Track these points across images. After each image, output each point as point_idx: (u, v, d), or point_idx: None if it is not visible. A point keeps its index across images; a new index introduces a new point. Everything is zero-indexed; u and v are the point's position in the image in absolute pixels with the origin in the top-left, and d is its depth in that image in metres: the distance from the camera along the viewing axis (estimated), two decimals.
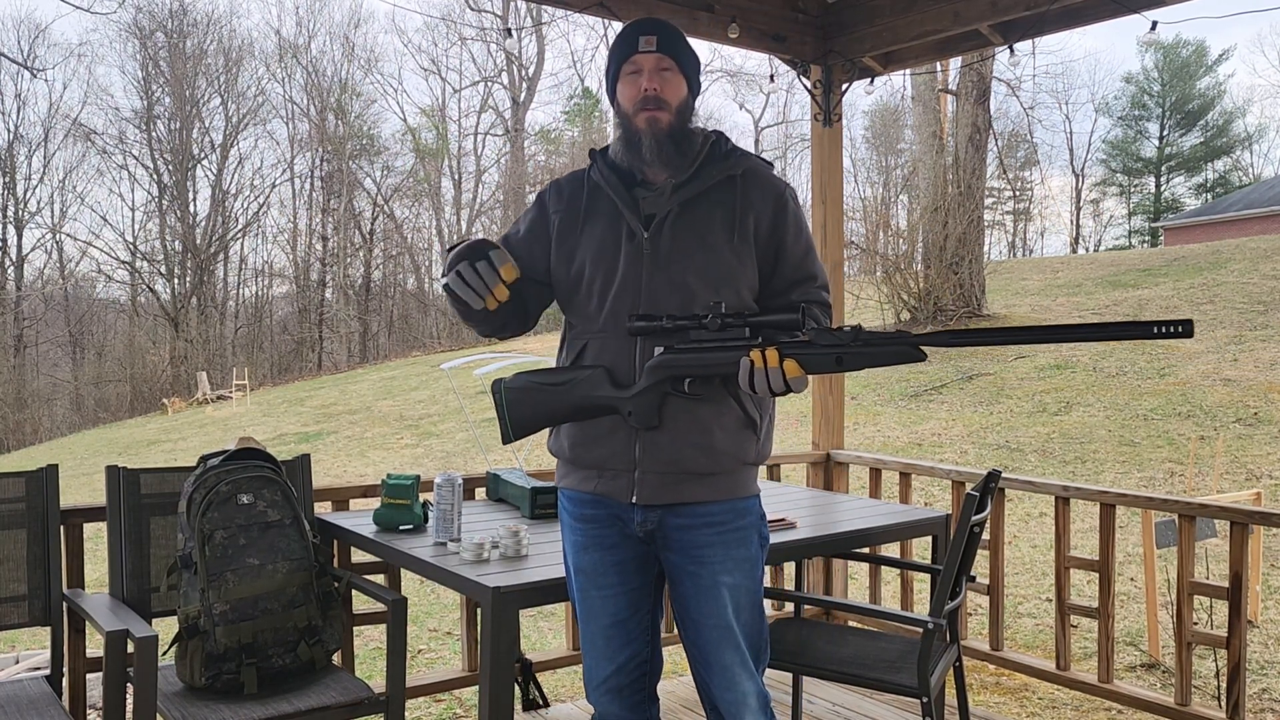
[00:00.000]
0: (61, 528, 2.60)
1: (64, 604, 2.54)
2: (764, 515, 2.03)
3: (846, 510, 3.12)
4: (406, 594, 2.67)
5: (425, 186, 34.60)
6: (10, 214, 29.63)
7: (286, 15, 52.18)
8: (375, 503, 2.81)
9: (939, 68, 14.52)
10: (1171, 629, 3.33)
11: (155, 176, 31.61)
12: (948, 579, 2.34)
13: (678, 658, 3.30)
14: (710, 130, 2.01)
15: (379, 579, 2.97)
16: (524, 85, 35.20)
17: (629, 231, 1.93)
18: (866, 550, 3.15)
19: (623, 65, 1.95)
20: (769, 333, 1.80)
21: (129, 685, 2.18)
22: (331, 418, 15.65)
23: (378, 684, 2.45)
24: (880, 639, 2.68)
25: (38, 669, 4.03)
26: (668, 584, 2.01)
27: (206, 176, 32.31)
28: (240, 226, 32.94)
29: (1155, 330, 1.49)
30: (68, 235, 31.41)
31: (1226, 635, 2.87)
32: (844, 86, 4.12)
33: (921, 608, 3.92)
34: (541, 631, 5.13)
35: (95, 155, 31.25)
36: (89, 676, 2.68)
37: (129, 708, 2.16)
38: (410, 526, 2.71)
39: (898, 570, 4.22)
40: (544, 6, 3.58)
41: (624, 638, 1.99)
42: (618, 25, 3.22)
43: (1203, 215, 27.44)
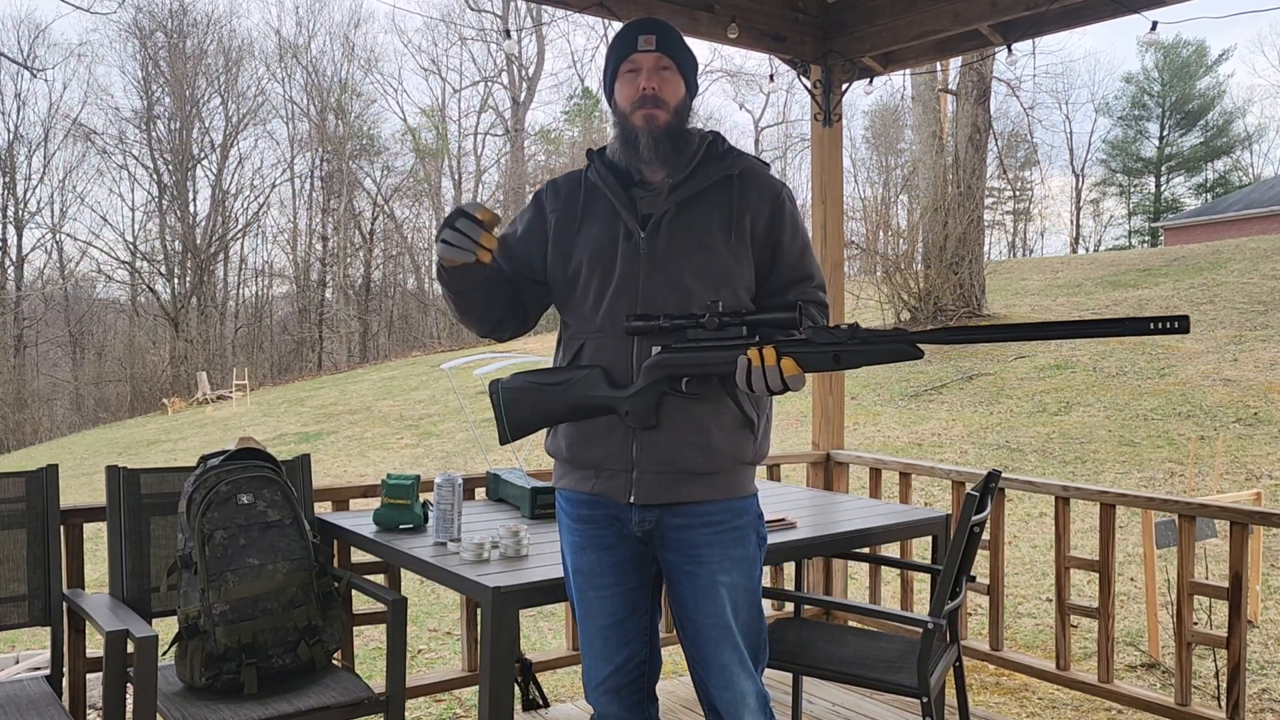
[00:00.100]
0: (61, 528, 2.60)
1: (64, 604, 2.54)
2: (761, 515, 2.03)
3: (846, 510, 3.12)
4: (406, 594, 2.67)
5: (425, 186, 34.61)
6: (10, 214, 29.65)
7: (286, 15, 52.24)
8: (375, 503, 2.81)
9: (939, 68, 14.52)
10: (1171, 629, 3.33)
11: (155, 176, 31.64)
12: (948, 579, 2.34)
13: (677, 658, 3.30)
14: (707, 130, 2.01)
15: (379, 579, 2.97)
16: (524, 85, 35.21)
17: (626, 231, 1.93)
18: (866, 550, 3.15)
19: (621, 64, 1.95)
20: (766, 331, 1.80)
21: (129, 685, 2.18)
22: (331, 418, 15.65)
23: (378, 684, 2.45)
24: (880, 639, 2.68)
25: (38, 669, 4.03)
26: (666, 584, 2.01)
27: (206, 176, 32.37)
28: (240, 226, 32.99)
29: (1152, 326, 1.49)
30: (68, 235, 31.47)
31: (1226, 635, 2.87)
32: (844, 86, 4.12)
33: (921, 608, 3.92)
34: (541, 631, 5.13)
35: (95, 155, 31.31)
36: (89, 676, 2.68)
37: (129, 708, 2.16)
38: (410, 526, 2.71)
39: (898, 570, 4.22)
40: (544, 6, 3.58)
41: (622, 638, 1.99)
42: (617, 25, 3.22)
43: (1203, 215, 27.44)
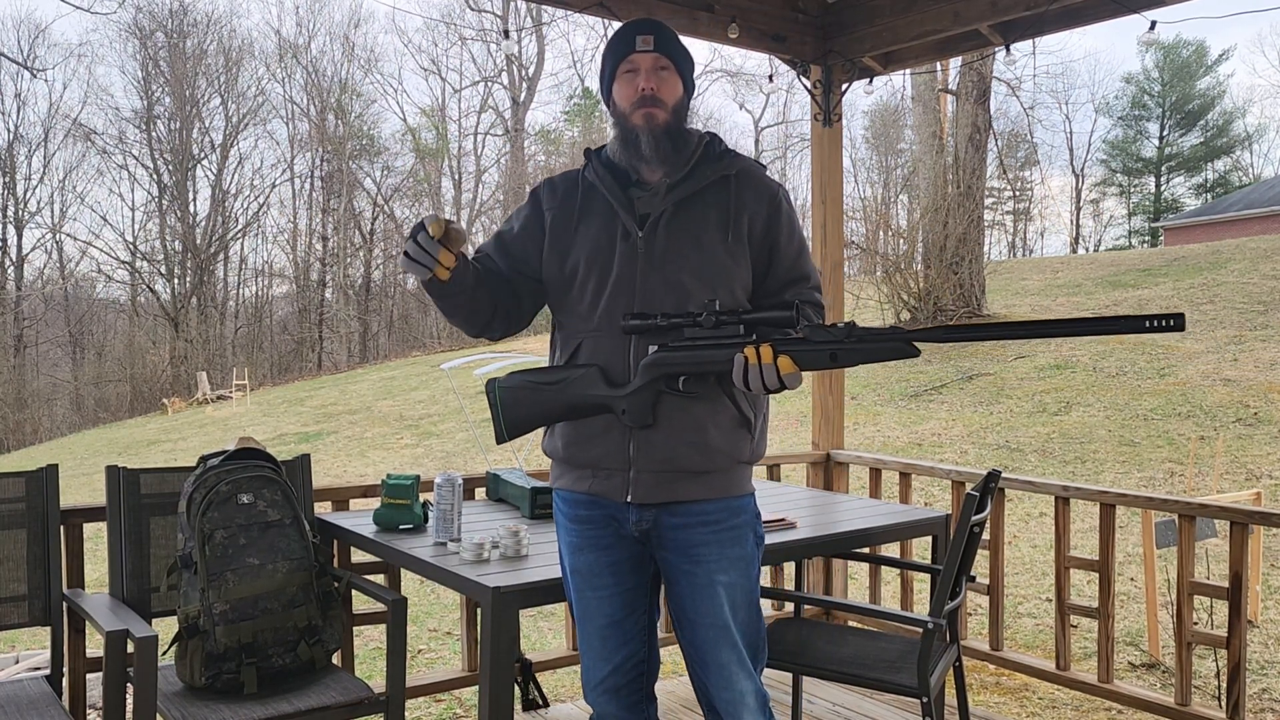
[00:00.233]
0: (61, 528, 2.60)
1: (64, 604, 2.54)
2: (759, 514, 2.03)
3: (846, 510, 3.12)
4: (406, 594, 2.67)
5: (425, 186, 34.61)
6: (10, 214, 29.65)
7: (286, 15, 52.25)
8: (375, 503, 2.81)
9: (939, 68, 14.52)
10: (1171, 629, 3.33)
11: (155, 176, 31.64)
12: (948, 579, 2.34)
13: (677, 657, 3.30)
14: (704, 131, 2.01)
15: (379, 579, 2.97)
16: (524, 85, 35.21)
17: (624, 231, 1.94)
18: (866, 550, 3.15)
19: (619, 65, 1.95)
20: (763, 330, 1.80)
21: (129, 685, 2.18)
22: (331, 418, 15.65)
23: (378, 684, 2.45)
24: (880, 639, 2.68)
25: (38, 669, 4.03)
26: (664, 583, 2.01)
27: (206, 176, 32.37)
28: (240, 226, 32.99)
29: (1148, 324, 1.49)
30: (68, 235, 31.47)
31: (1226, 635, 2.87)
32: (844, 86, 4.12)
33: (921, 608, 3.92)
34: (541, 631, 5.13)
35: (95, 155, 31.31)
36: (89, 676, 2.68)
37: (129, 708, 2.16)
38: (410, 526, 2.71)
39: (898, 570, 4.22)
40: (544, 6, 3.58)
41: (620, 638, 1.99)
42: (617, 25, 3.22)
43: (1203, 215, 27.44)
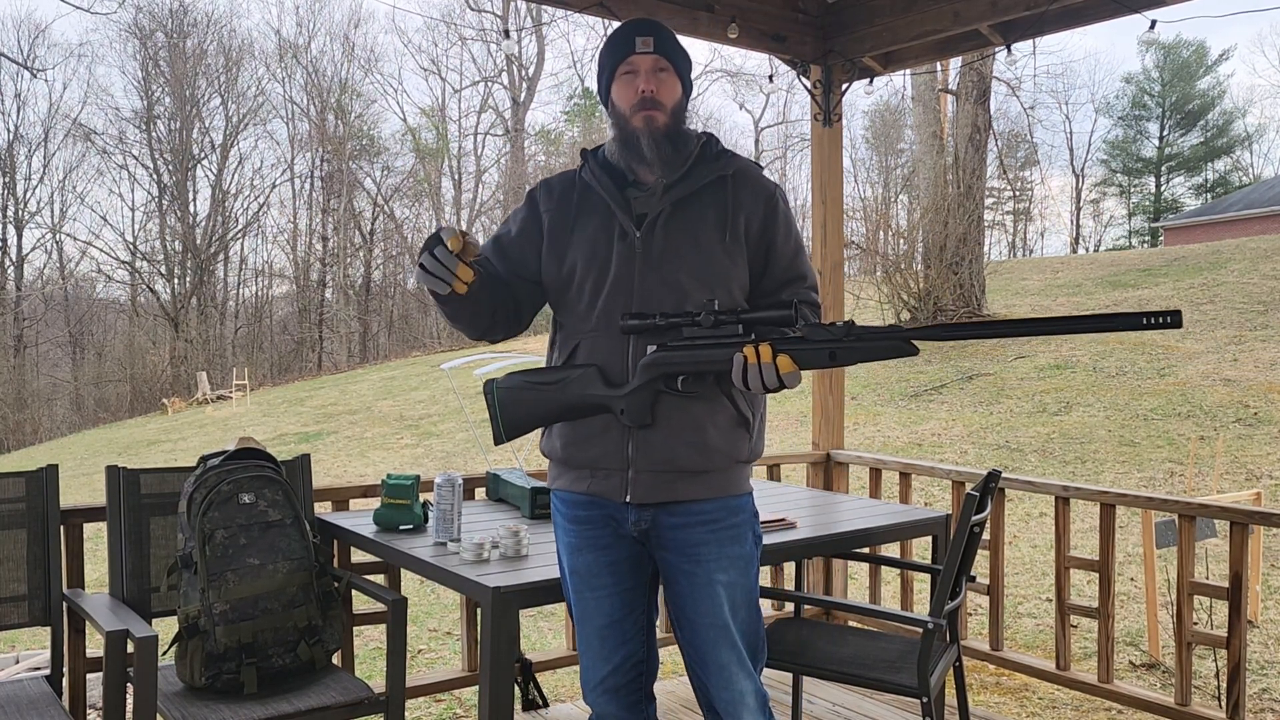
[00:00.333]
0: (61, 528, 2.60)
1: (64, 604, 2.54)
2: (757, 513, 2.03)
3: (846, 510, 3.12)
4: (406, 594, 2.67)
5: (425, 186, 34.60)
6: (10, 214, 29.65)
7: (286, 15, 52.21)
8: (375, 503, 2.81)
9: (939, 68, 14.52)
10: (1171, 629, 3.33)
11: (155, 176, 31.64)
12: (948, 579, 2.34)
13: (676, 657, 3.30)
14: (701, 131, 2.02)
15: (379, 579, 2.97)
16: (524, 85, 35.20)
17: (621, 231, 1.94)
18: (866, 550, 3.15)
19: (618, 66, 1.95)
20: (762, 329, 1.81)
21: (129, 685, 2.18)
22: (331, 418, 15.65)
23: (378, 684, 2.45)
24: (880, 639, 2.68)
25: (38, 669, 4.03)
26: (663, 583, 2.01)
27: (206, 176, 32.36)
28: (240, 226, 32.98)
29: (1145, 321, 1.50)
30: (68, 235, 31.47)
31: (1226, 635, 2.87)
32: (844, 86, 4.12)
33: (921, 608, 3.92)
34: (541, 631, 5.13)
35: (95, 155, 31.30)
36: (89, 676, 2.68)
37: (129, 708, 2.16)
38: (410, 526, 2.71)
39: (898, 570, 4.22)
40: (544, 6, 3.58)
41: (619, 638, 1.99)
42: (616, 25, 3.21)
43: (1203, 215, 27.44)
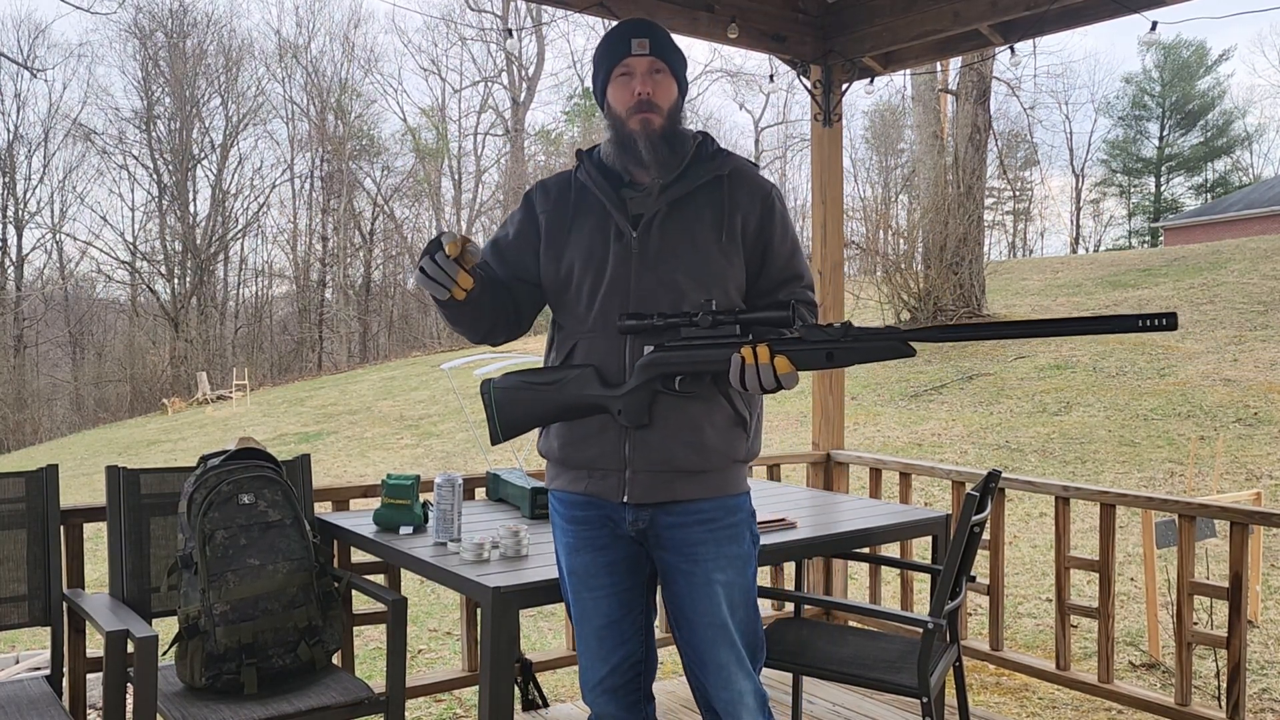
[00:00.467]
0: (61, 528, 2.60)
1: (64, 604, 2.54)
2: (754, 513, 2.04)
3: (846, 510, 3.12)
4: (406, 594, 2.67)
5: (425, 186, 34.58)
6: (10, 214, 29.64)
7: (286, 15, 52.11)
8: (375, 503, 2.81)
9: (939, 68, 14.51)
10: (1171, 629, 3.33)
11: (155, 176, 31.63)
12: (948, 579, 2.34)
13: (677, 657, 3.30)
14: (697, 131, 2.01)
15: (379, 579, 2.97)
16: (524, 85, 35.20)
17: (617, 231, 1.94)
18: (866, 550, 3.15)
19: (614, 67, 1.94)
20: (759, 330, 1.81)
21: (129, 685, 2.18)
22: (331, 418, 15.65)
23: (378, 684, 2.45)
24: (880, 639, 2.68)
25: (38, 669, 4.03)
26: (661, 583, 2.01)
27: (206, 176, 32.35)
28: (240, 226, 32.97)
29: (1140, 323, 1.50)
30: (68, 235, 31.45)
31: (1226, 635, 2.87)
32: (844, 86, 4.12)
33: (921, 608, 3.92)
34: (541, 631, 5.13)
35: (95, 155, 31.29)
36: (89, 676, 2.68)
37: (129, 708, 2.16)
38: (410, 527, 2.71)
39: (898, 570, 4.22)
40: (544, 6, 3.58)
41: (617, 638, 2.00)
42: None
43: (1203, 215, 27.44)
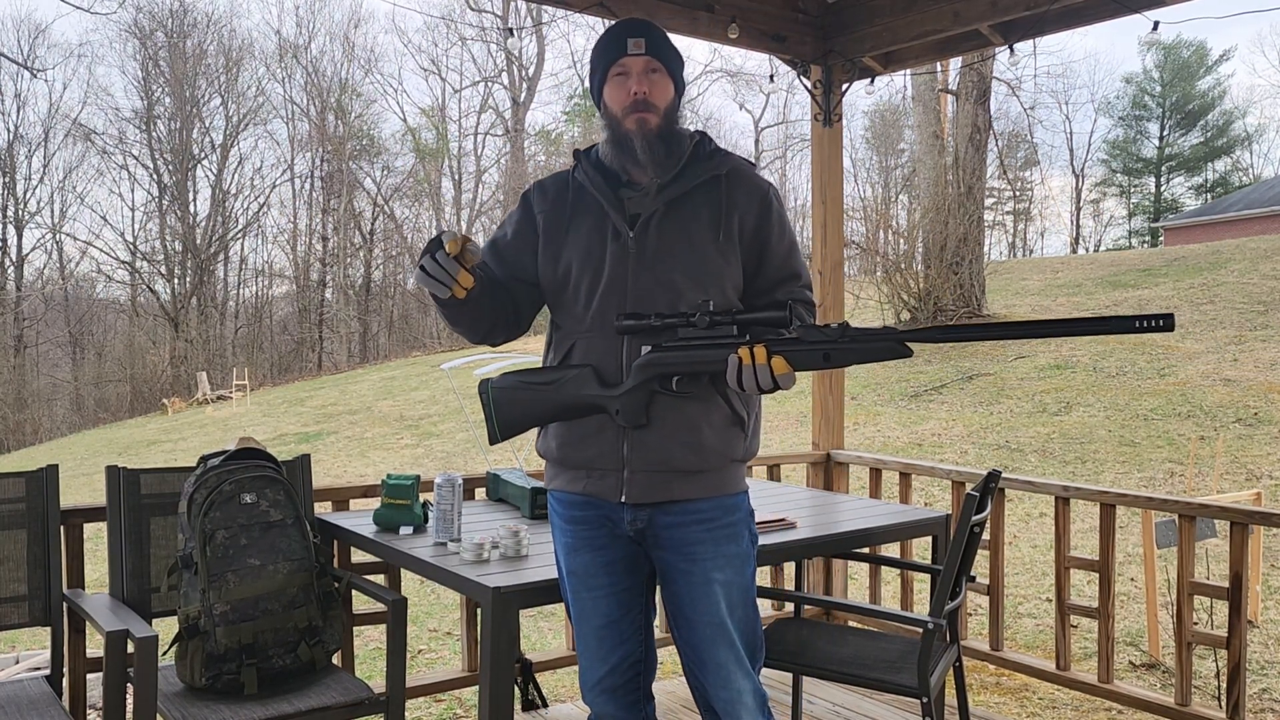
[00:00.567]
0: (61, 528, 2.60)
1: (64, 604, 2.54)
2: (752, 512, 2.04)
3: (846, 510, 3.12)
4: (406, 594, 2.67)
5: (425, 186, 34.58)
6: (10, 214, 29.63)
7: (286, 15, 52.07)
8: (375, 503, 2.81)
9: (939, 68, 14.52)
10: (1171, 629, 3.33)
11: (155, 176, 31.62)
12: (948, 579, 2.34)
13: (677, 656, 3.30)
14: (694, 130, 2.01)
15: (379, 579, 2.97)
16: (524, 85, 35.19)
17: (615, 231, 1.94)
18: (866, 550, 3.15)
19: (610, 67, 1.94)
20: (757, 330, 1.81)
21: (129, 685, 2.18)
22: (331, 418, 15.65)
23: (378, 684, 2.45)
24: (880, 639, 2.68)
25: (38, 669, 4.03)
26: (660, 583, 2.01)
27: (206, 176, 32.34)
28: (240, 226, 32.96)
29: (1138, 324, 1.50)
30: (68, 235, 31.44)
31: (1226, 635, 2.87)
32: (844, 86, 4.12)
33: (921, 608, 3.92)
34: (541, 631, 5.13)
35: (95, 155, 31.27)
36: (89, 676, 2.68)
37: (129, 708, 2.16)
38: (410, 527, 2.71)
39: (898, 570, 4.22)
40: (544, 6, 3.58)
41: (616, 638, 2.00)
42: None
43: (1203, 215, 27.44)
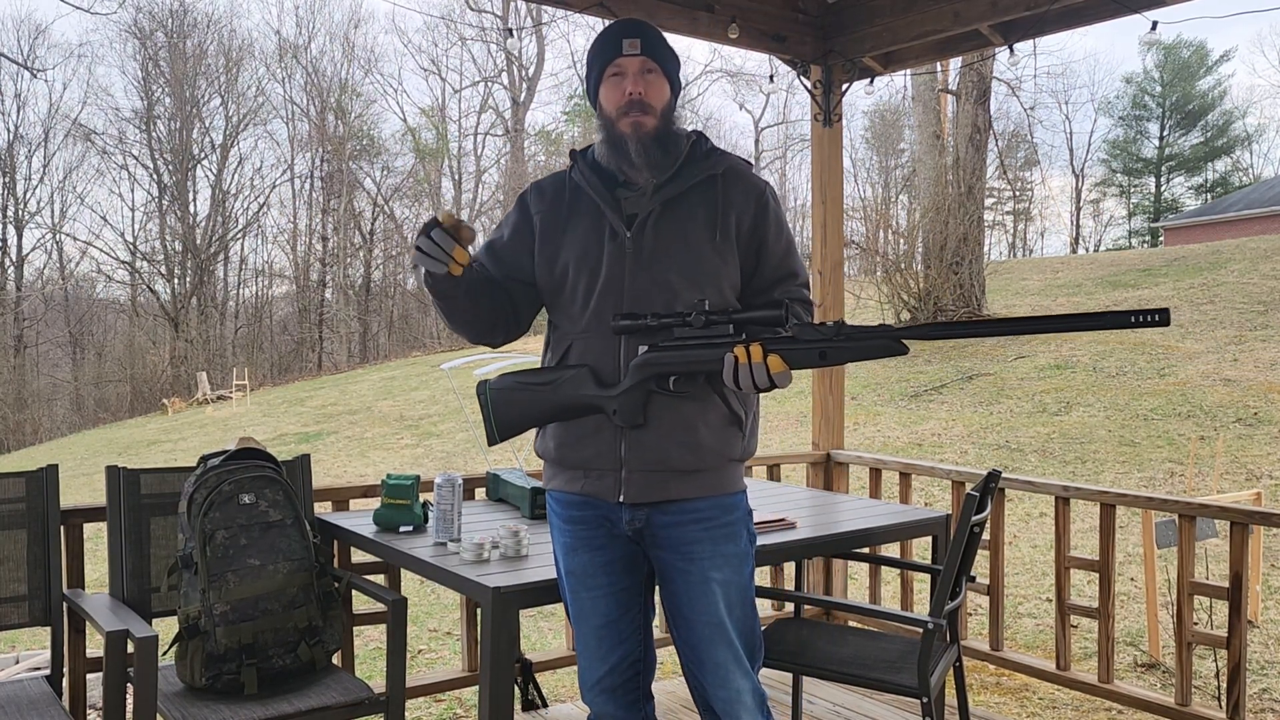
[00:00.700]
0: (62, 528, 2.60)
1: (64, 604, 2.54)
2: (750, 512, 2.04)
3: (846, 510, 3.12)
4: (406, 594, 2.67)
5: (425, 186, 34.58)
6: (10, 214, 29.62)
7: (286, 15, 52.01)
8: (375, 503, 2.81)
9: (939, 68, 14.52)
10: (1171, 629, 3.33)
11: (155, 176, 31.62)
12: (948, 579, 2.34)
13: (676, 656, 3.29)
14: (690, 130, 2.01)
15: (379, 579, 2.97)
16: (524, 85, 35.19)
17: (611, 231, 1.94)
18: (866, 550, 3.15)
19: (605, 68, 1.94)
20: (753, 329, 1.81)
21: (129, 685, 2.18)
22: (331, 418, 15.64)
23: (378, 684, 2.45)
24: (880, 639, 2.68)
25: (38, 669, 4.03)
26: (659, 583, 2.01)
27: (206, 176, 32.34)
28: (240, 227, 32.96)
29: (1133, 319, 1.50)
30: (68, 235, 31.42)
31: (1226, 635, 2.87)
32: (844, 86, 4.12)
33: (921, 608, 3.92)
34: (541, 631, 5.13)
35: (95, 155, 31.26)
36: (89, 676, 2.68)
37: (129, 708, 2.16)
38: (410, 527, 2.71)
39: (898, 570, 4.22)
40: (544, 6, 3.58)
41: (615, 638, 2.00)
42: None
43: (1203, 215, 27.44)
